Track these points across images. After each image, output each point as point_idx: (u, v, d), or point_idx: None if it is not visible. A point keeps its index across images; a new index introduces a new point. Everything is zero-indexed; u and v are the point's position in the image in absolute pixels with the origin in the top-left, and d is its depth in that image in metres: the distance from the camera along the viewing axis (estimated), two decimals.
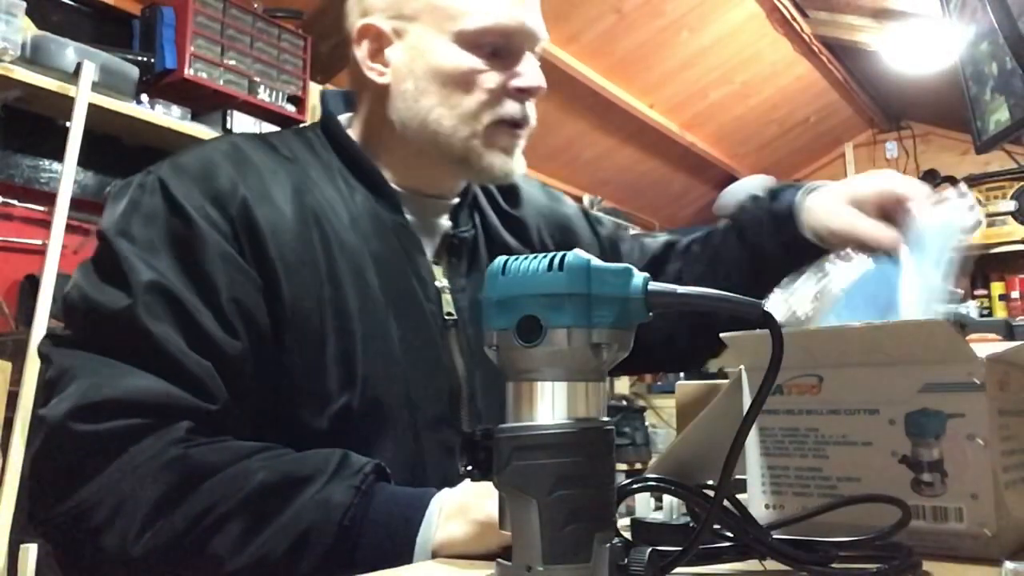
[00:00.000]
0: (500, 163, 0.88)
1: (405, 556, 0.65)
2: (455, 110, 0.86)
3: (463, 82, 0.85)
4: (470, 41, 0.85)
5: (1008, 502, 0.60)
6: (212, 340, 0.73)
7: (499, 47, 0.86)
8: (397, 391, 0.80)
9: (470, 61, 0.85)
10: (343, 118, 0.95)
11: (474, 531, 0.64)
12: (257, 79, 2.43)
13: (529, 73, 0.87)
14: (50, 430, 0.70)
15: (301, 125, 0.95)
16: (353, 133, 0.94)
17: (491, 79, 0.86)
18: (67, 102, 1.96)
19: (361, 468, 0.68)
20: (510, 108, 0.87)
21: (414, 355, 0.83)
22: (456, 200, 0.96)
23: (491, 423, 0.83)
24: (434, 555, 0.65)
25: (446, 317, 0.88)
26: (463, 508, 0.66)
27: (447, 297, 0.89)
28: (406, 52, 0.87)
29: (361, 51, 0.89)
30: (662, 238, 1.15)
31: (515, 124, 0.88)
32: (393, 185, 0.91)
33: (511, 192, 1.04)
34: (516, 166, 0.89)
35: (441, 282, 0.90)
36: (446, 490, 0.68)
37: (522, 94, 0.87)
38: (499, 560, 0.47)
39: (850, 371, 0.65)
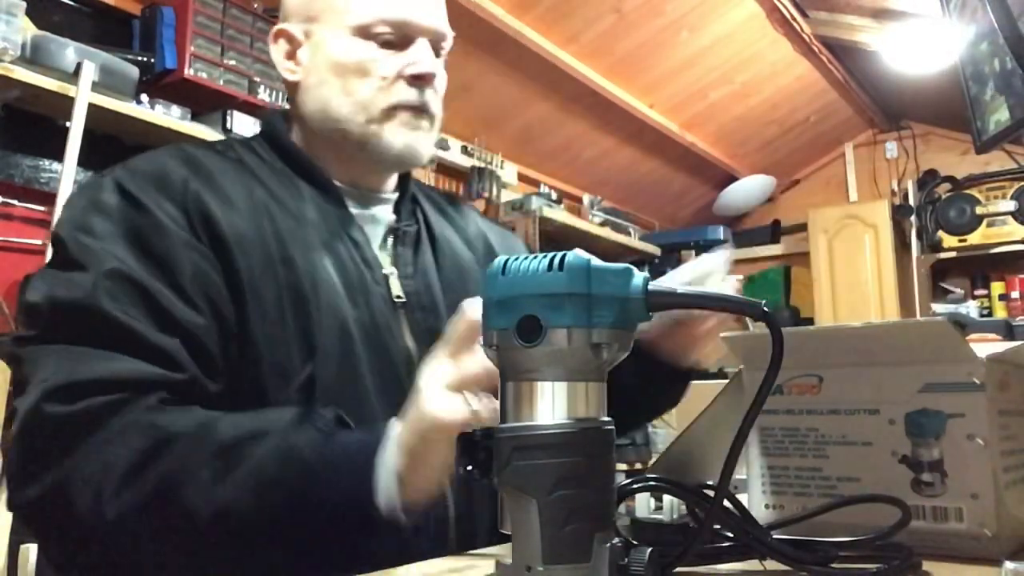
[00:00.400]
0: (399, 140, 0.92)
1: (367, 483, 0.66)
2: (351, 97, 0.92)
3: (357, 70, 0.91)
4: (363, 33, 0.91)
5: (1008, 502, 0.60)
6: (175, 318, 0.76)
7: (392, 37, 0.92)
8: (357, 366, 0.85)
9: (364, 50, 0.92)
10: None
11: (426, 425, 0.66)
12: (257, 79, 2.43)
13: (421, 60, 0.92)
14: (25, 415, 0.71)
15: (246, 136, 1.01)
16: (294, 138, 0.99)
17: (385, 66, 0.92)
18: (67, 102, 1.96)
19: (322, 416, 0.71)
20: (404, 93, 0.92)
21: (366, 333, 0.87)
22: (395, 196, 1.01)
23: None
24: (400, 477, 0.67)
25: (395, 300, 0.92)
26: (412, 420, 0.68)
27: (395, 282, 0.93)
28: (311, 50, 0.95)
29: (277, 53, 0.97)
30: None
31: (412, 109, 0.93)
32: (334, 181, 0.96)
33: (456, 207, 1.12)
34: (420, 149, 0.94)
35: (388, 269, 0.94)
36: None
37: (416, 80, 0.92)
38: (499, 560, 0.47)
39: (850, 371, 0.65)
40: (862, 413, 0.65)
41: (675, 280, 0.86)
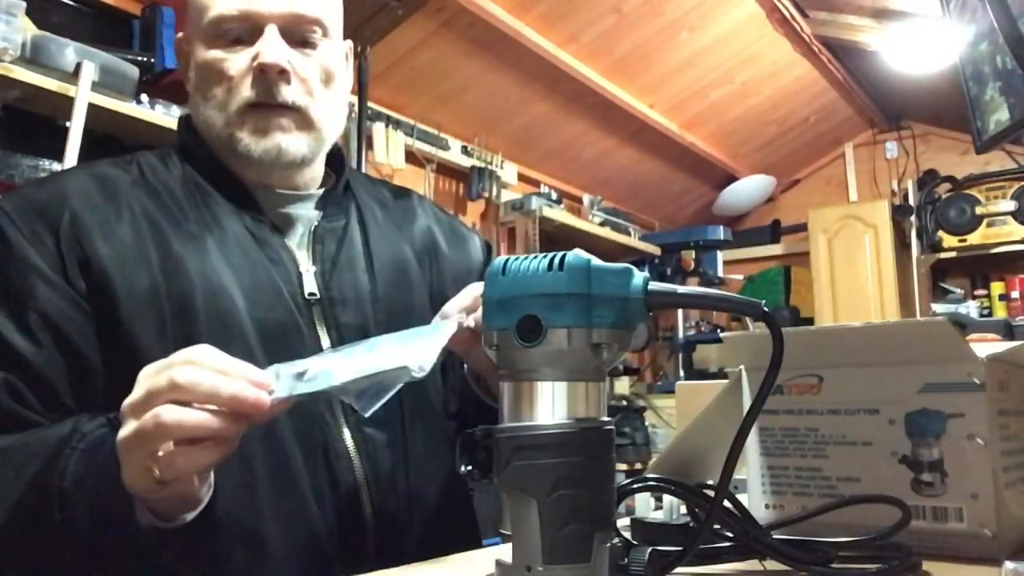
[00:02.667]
0: (258, 145, 0.90)
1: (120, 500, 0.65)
2: (211, 102, 0.91)
3: (212, 73, 0.90)
4: (211, 33, 0.90)
5: (1008, 502, 0.60)
6: (18, 353, 0.77)
7: (238, 33, 0.89)
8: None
9: (213, 52, 0.90)
10: None
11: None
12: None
13: (263, 51, 0.88)
14: None
15: (163, 147, 1.00)
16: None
17: (233, 65, 0.89)
18: (67, 102, 1.96)
19: (86, 432, 0.70)
20: (249, 91, 0.89)
21: (270, 332, 0.86)
22: (319, 192, 0.99)
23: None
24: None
25: (307, 297, 0.90)
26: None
27: (310, 279, 0.92)
28: (190, 58, 0.94)
29: (180, 63, 0.98)
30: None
31: (262, 106, 0.89)
32: (246, 183, 0.94)
33: (403, 200, 1.09)
34: (286, 149, 0.91)
35: (307, 266, 0.93)
36: None
37: (262, 74, 0.88)
38: (499, 560, 0.47)
39: (850, 371, 0.65)
40: (862, 413, 0.65)
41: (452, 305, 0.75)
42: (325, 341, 0.89)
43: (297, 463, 0.82)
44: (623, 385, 4.04)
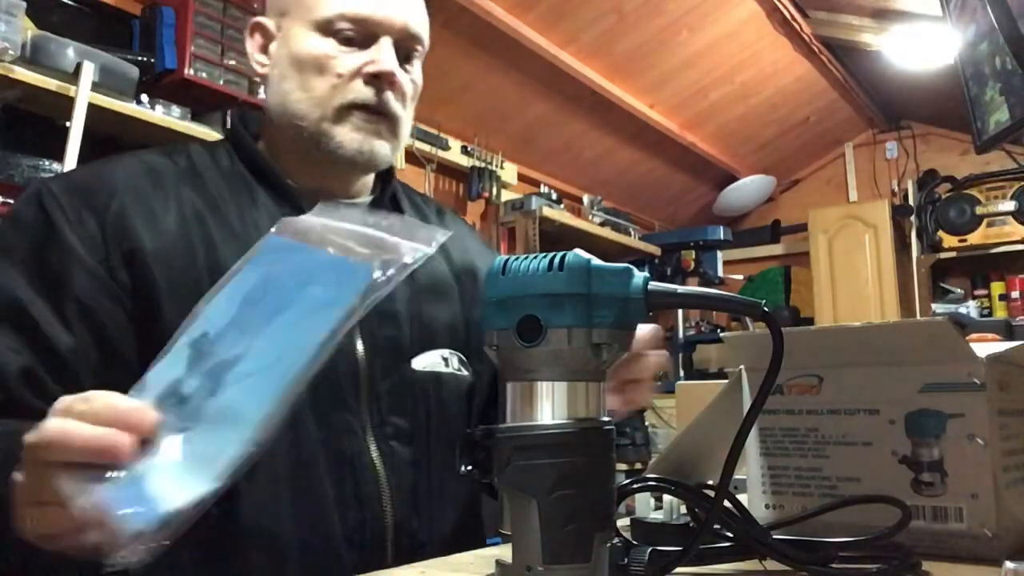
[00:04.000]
0: (352, 143, 0.90)
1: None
2: (308, 93, 0.90)
3: (316, 66, 0.90)
4: (324, 28, 0.90)
5: (1008, 502, 0.60)
6: (47, 336, 0.76)
7: (354, 34, 0.90)
8: None
9: (323, 46, 0.90)
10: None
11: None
12: (257, 79, 2.43)
13: (381, 59, 0.89)
14: None
15: (214, 140, 0.99)
16: (262, 144, 0.98)
17: (343, 64, 0.89)
18: (67, 102, 1.96)
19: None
20: (359, 92, 0.90)
21: None
22: (368, 200, 0.99)
23: (388, 407, 0.87)
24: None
25: None
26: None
27: None
28: (280, 45, 0.93)
29: (251, 46, 0.96)
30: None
31: (367, 109, 0.91)
32: (295, 186, 0.94)
33: (444, 218, 1.10)
34: (376, 152, 0.92)
35: None
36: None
37: (375, 80, 0.90)
38: (499, 560, 0.47)
39: (850, 371, 0.65)
40: (862, 413, 0.65)
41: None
42: (360, 352, 0.88)
43: (321, 472, 0.82)
44: None
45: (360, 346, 0.89)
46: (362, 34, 0.90)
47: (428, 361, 0.93)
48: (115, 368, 0.79)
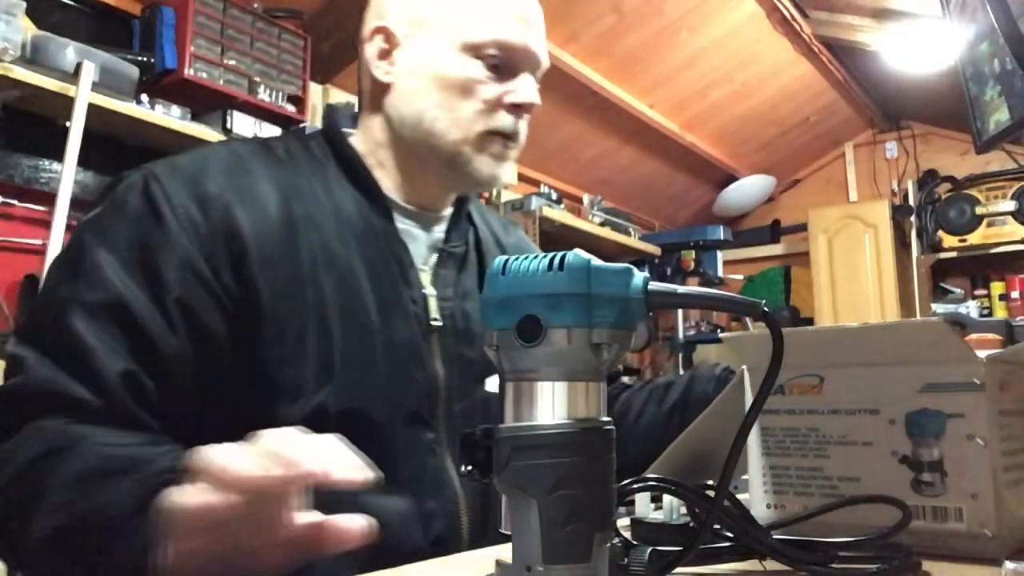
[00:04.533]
0: (487, 169, 0.91)
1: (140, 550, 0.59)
2: (451, 113, 0.89)
3: (462, 89, 0.89)
4: (473, 51, 0.89)
5: (1008, 502, 0.60)
6: (150, 338, 0.75)
7: (500, 62, 0.90)
8: (375, 389, 0.83)
9: (471, 70, 0.89)
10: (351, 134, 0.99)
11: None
12: (257, 79, 2.43)
13: (525, 89, 0.91)
14: None
15: (305, 129, 0.99)
16: (355, 143, 0.96)
17: (488, 90, 0.90)
18: (67, 102, 1.96)
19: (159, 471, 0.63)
20: (503, 120, 0.90)
21: (396, 354, 0.85)
22: (448, 213, 0.99)
23: (466, 425, 0.85)
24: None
25: (431, 322, 0.90)
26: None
27: (433, 304, 0.91)
28: (413, 54, 0.91)
29: (372, 49, 0.93)
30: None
31: (505, 136, 0.92)
32: (388, 194, 0.94)
33: (510, 232, 1.12)
34: (503, 175, 0.93)
35: (428, 289, 0.92)
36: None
37: (517, 109, 0.91)
38: (499, 560, 0.47)
39: (851, 371, 0.65)
40: (863, 413, 0.65)
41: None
42: (439, 367, 0.89)
43: (407, 488, 0.82)
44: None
45: (439, 365, 0.89)
46: (507, 63, 0.91)
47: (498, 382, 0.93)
48: (207, 378, 0.78)
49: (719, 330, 4.33)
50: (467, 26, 0.89)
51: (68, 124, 1.96)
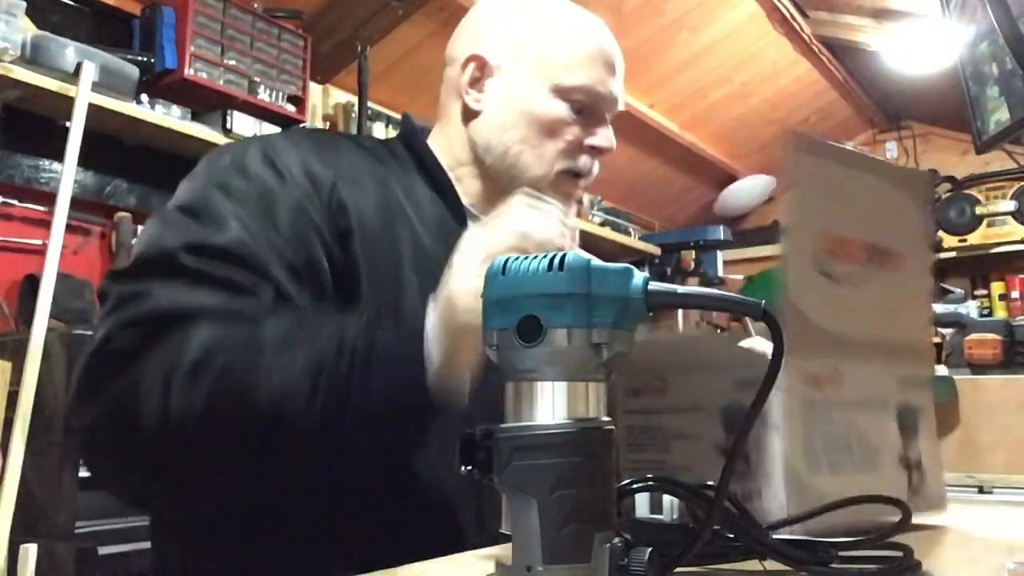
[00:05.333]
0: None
1: (417, 365, 0.67)
2: (536, 150, 0.94)
3: (549, 128, 0.94)
4: (564, 94, 0.94)
5: (815, 483, 0.65)
6: (276, 283, 0.77)
7: (585, 106, 0.95)
8: None
9: (560, 110, 0.94)
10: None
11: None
12: (257, 79, 2.43)
13: (605, 135, 0.97)
14: (99, 340, 0.71)
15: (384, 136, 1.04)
16: (433, 149, 1.01)
17: (572, 132, 0.95)
18: (67, 102, 1.96)
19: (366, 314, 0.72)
20: (583, 162, 0.96)
21: None
22: None
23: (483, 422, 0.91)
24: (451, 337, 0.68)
25: None
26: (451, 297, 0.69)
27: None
28: (504, 87, 0.96)
29: (465, 76, 0.97)
30: None
31: (580, 176, 0.97)
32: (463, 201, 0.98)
33: None
34: (572, 214, 0.97)
35: None
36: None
37: (595, 151, 0.97)
38: (499, 560, 0.47)
39: (686, 373, 0.72)
40: (693, 410, 0.71)
41: None
42: None
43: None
44: None
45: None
46: (591, 107, 0.95)
47: None
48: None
49: (719, 330, 4.33)
50: (562, 69, 0.94)
51: (68, 124, 1.96)
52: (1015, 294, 4.09)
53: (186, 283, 0.73)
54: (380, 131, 2.93)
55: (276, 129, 2.42)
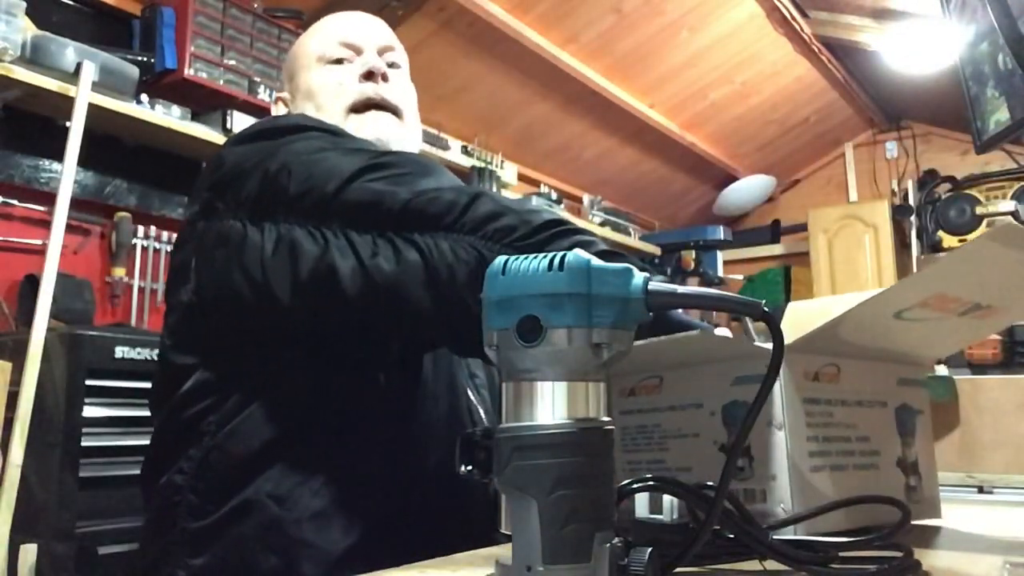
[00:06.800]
0: (366, 134, 1.02)
1: None
2: (322, 108, 1.05)
3: (323, 87, 1.07)
4: (324, 59, 1.09)
5: (814, 484, 0.64)
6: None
7: (345, 55, 1.09)
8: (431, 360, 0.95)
9: (326, 70, 1.08)
10: None
11: None
12: (257, 79, 2.43)
13: (368, 61, 1.08)
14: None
15: None
16: None
17: (341, 75, 1.07)
18: (67, 102, 1.96)
19: None
20: (361, 90, 1.06)
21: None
22: None
23: (479, 373, 1.02)
24: None
25: None
26: None
27: None
28: (296, 95, 1.12)
29: (278, 112, 1.16)
30: None
31: (369, 103, 1.06)
32: None
33: None
34: (390, 136, 1.04)
35: None
36: None
37: (367, 77, 1.07)
38: (499, 560, 0.47)
39: (683, 371, 0.71)
40: (691, 408, 0.70)
41: None
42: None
43: (441, 407, 0.94)
44: None
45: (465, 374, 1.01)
46: (352, 54, 1.08)
47: None
48: None
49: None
50: (315, 44, 1.12)
51: (68, 124, 1.96)
52: None
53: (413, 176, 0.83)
54: None
55: None
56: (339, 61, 1.08)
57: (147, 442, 0.94)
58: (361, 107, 1.05)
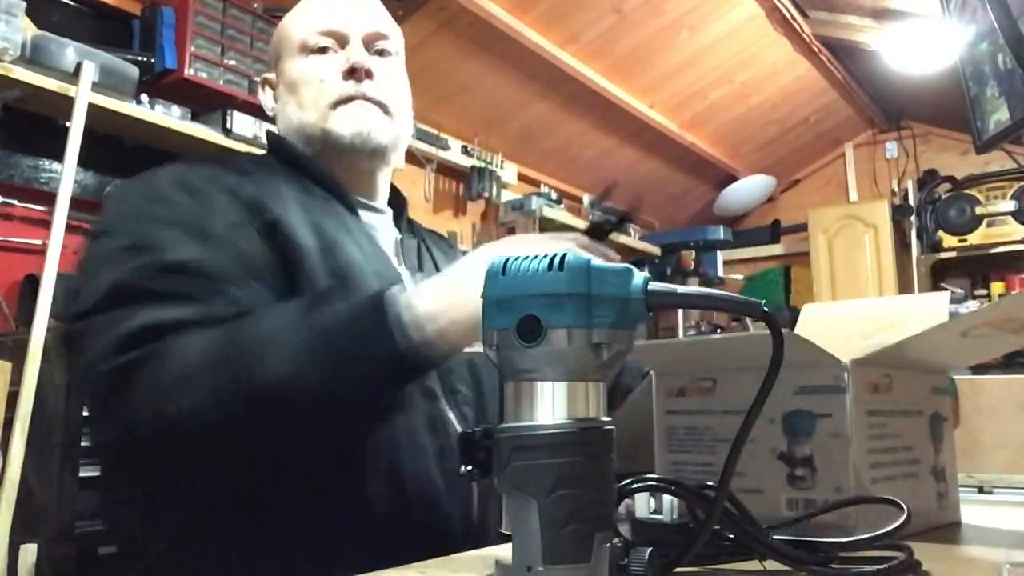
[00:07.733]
0: (348, 128, 1.00)
1: (381, 321, 0.72)
2: (303, 104, 1.03)
3: (305, 81, 1.03)
4: (305, 48, 1.05)
5: (875, 495, 0.63)
6: (223, 286, 0.81)
7: (328, 44, 1.04)
8: None
9: (307, 62, 1.04)
10: None
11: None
12: (257, 79, 2.43)
13: (351, 55, 1.03)
14: (93, 369, 0.76)
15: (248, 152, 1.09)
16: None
17: (324, 69, 1.03)
18: (67, 102, 1.96)
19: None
20: (342, 87, 1.02)
21: None
22: (390, 211, 1.10)
23: (463, 389, 0.98)
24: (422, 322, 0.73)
25: None
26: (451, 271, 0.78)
27: (409, 283, 0.97)
28: (280, 82, 1.08)
29: (264, 99, 1.13)
30: None
31: (352, 100, 1.02)
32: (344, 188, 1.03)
33: (451, 247, 1.24)
34: (373, 131, 1.01)
35: (402, 271, 1.01)
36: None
37: (350, 74, 1.02)
38: (499, 560, 0.47)
39: (739, 374, 0.70)
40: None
41: None
42: None
43: (419, 427, 0.90)
44: None
45: None
46: (336, 43, 1.04)
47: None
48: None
49: (719, 330, 4.33)
50: (296, 32, 1.06)
51: (68, 124, 1.96)
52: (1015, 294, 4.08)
53: (156, 303, 0.77)
54: None
55: (276, 129, 2.41)
56: (323, 50, 1.04)
57: None
58: (345, 100, 1.03)
